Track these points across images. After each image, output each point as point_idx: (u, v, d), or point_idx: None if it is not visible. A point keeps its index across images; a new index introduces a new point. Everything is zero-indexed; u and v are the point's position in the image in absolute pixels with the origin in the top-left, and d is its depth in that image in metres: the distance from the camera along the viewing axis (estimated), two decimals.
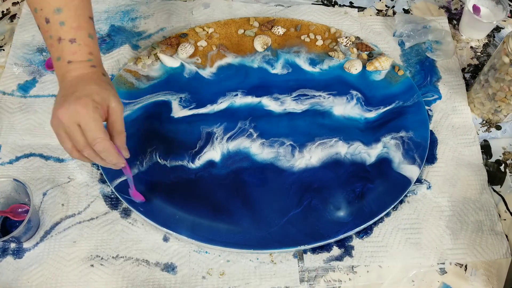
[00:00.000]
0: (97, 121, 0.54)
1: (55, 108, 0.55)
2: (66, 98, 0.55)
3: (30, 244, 0.68)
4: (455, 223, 0.71)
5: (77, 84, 0.56)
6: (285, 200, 0.71)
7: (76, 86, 0.56)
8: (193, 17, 0.93)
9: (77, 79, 0.57)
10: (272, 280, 0.67)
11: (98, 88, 0.56)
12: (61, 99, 0.55)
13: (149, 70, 0.84)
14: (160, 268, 0.67)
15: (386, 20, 0.93)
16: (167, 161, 0.74)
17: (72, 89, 0.56)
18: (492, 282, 0.67)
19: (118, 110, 0.57)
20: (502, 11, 0.87)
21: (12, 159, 0.75)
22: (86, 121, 0.53)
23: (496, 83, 0.75)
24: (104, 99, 0.56)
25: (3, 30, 0.90)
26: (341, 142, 0.76)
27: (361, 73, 0.84)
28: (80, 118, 0.53)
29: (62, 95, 0.56)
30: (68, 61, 0.58)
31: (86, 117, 0.53)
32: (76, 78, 0.57)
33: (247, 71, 0.84)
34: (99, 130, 0.54)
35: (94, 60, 0.59)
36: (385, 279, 0.67)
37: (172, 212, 0.69)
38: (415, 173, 0.73)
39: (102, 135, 0.54)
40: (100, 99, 0.55)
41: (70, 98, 0.54)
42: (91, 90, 0.55)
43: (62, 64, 0.58)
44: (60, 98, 0.56)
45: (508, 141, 0.79)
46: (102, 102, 0.55)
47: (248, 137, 0.77)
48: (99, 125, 0.54)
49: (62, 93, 0.57)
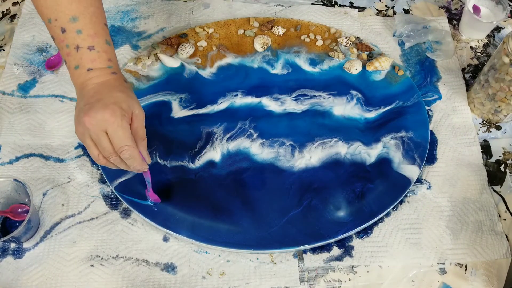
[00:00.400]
0: (125, 129, 0.55)
1: (80, 116, 0.55)
2: (92, 106, 0.55)
3: (30, 244, 0.68)
4: (455, 223, 0.71)
5: (101, 92, 0.57)
6: (285, 200, 0.71)
7: (100, 94, 0.56)
8: (193, 17, 0.93)
9: (99, 87, 0.57)
10: (272, 280, 0.67)
11: (123, 95, 0.57)
12: (86, 107, 0.55)
13: (149, 70, 0.84)
14: (160, 268, 0.67)
15: (386, 20, 0.93)
16: (167, 161, 0.74)
17: (97, 96, 0.56)
18: (492, 282, 0.67)
19: (141, 117, 0.58)
20: (502, 11, 0.87)
21: (12, 159, 0.75)
22: (115, 129, 0.54)
23: (496, 83, 0.75)
24: (129, 106, 0.56)
25: (3, 30, 0.90)
26: (341, 142, 0.76)
27: (361, 73, 0.84)
28: (108, 126, 0.54)
29: (86, 103, 0.56)
30: (88, 69, 0.58)
31: (114, 125, 0.54)
32: (98, 85, 0.58)
33: (247, 71, 0.84)
34: (127, 138, 0.55)
35: (114, 66, 0.60)
36: (385, 279, 0.67)
37: (172, 212, 0.69)
38: (415, 173, 0.73)
39: (129, 142, 0.55)
40: (126, 107, 0.56)
41: (96, 105, 0.55)
42: (117, 98, 0.56)
43: (81, 72, 0.58)
44: (84, 105, 0.56)
45: (508, 141, 0.79)
46: (128, 109, 0.56)
47: (248, 137, 0.77)
48: (127, 133, 0.55)
49: (86, 101, 0.57)
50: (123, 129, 0.55)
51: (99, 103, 0.55)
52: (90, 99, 0.56)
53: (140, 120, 0.58)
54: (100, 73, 0.58)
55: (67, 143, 0.77)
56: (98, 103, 0.55)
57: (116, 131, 0.54)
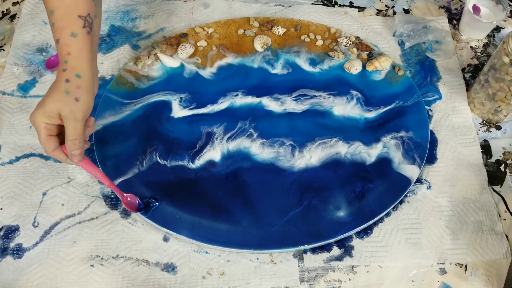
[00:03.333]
0: (40, 134, 0.58)
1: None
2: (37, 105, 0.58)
3: (30, 244, 0.68)
4: (455, 223, 0.71)
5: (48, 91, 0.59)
6: (285, 200, 0.71)
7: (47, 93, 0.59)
8: (193, 17, 0.93)
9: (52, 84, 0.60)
10: (272, 280, 0.67)
11: (49, 99, 0.58)
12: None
13: (149, 70, 0.84)
14: (160, 268, 0.67)
15: (386, 20, 0.93)
16: (167, 161, 0.74)
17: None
18: (492, 282, 0.67)
19: (70, 118, 0.58)
20: (502, 11, 0.87)
21: (12, 159, 0.75)
22: (36, 131, 0.59)
23: (496, 83, 0.75)
24: (56, 109, 0.57)
25: (3, 30, 0.90)
26: (341, 142, 0.76)
27: (361, 73, 0.84)
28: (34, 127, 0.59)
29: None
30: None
31: (36, 127, 0.58)
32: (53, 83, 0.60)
33: (247, 71, 0.84)
34: (42, 142, 0.59)
35: (70, 61, 0.59)
36: (385, 279, 0.67)
37: (172, 212, 0.69)
38: (415, 173, 0.73)
39: (45, 147, 0.59)
40: (49, 110, 0.57)
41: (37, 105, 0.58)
42: (45, 101, 0.58)
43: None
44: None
45: (508, 141, 0.79)
46: (52, 112, 0.57)
47: (248, 137, 0.77)
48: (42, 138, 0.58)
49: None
50: (39, 134, 0.58)
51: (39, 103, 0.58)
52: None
53: (68, 121, 0.58)
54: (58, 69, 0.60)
55: None
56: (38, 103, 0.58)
57: (38, 133, 0.58)
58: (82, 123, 0.59)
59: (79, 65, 0.60)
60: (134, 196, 0.69)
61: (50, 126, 0.58)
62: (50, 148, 0.59)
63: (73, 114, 0.58)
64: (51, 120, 0.57)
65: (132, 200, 0.69)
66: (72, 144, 0.58)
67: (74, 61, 0.59)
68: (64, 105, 0.57)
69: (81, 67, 0.60)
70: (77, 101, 0.58)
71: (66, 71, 0.59)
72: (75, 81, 0.59)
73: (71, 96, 0.58)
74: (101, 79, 0.84)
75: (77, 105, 0.58)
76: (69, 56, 0.59)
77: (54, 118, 0.57)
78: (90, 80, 0.60)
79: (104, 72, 0.85)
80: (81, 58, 0.60)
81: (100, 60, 0.86)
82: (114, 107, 0.79)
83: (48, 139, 0.58)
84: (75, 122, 0.58)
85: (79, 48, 0.60)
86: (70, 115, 0.57)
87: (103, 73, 0.85)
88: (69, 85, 0.58)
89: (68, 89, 0.58)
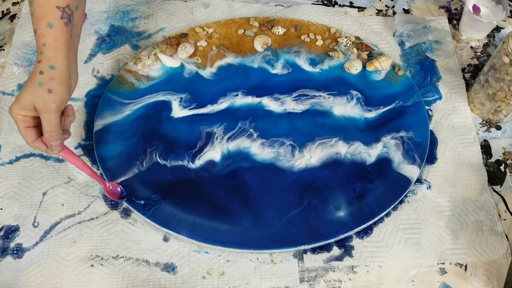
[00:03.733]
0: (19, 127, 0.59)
1: None
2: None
3: (30, 244, 0.68)
4: (455, 223, 0.71)
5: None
6: (285, 200, 0.71)
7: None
8: (193, 17, 0.93)
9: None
10: (272, 280, 0.67)
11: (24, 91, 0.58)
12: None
13: (149, 70, 0.84)
14: (160, 268, 0.67)
15: (386, 20, 0.93)
16: (167, 161, 0.74)
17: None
18: (492, 282, 0.67)
19: (46, 110, 0.58)
20: (502, 11, 0.87)
21: (12, 159, 0.75)
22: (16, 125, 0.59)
23: (496, 83, 0.75)
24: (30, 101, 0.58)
25: (3, 30, 0.90)
26: (341, 142, 0.76)
27: (361, 73, 0.84)
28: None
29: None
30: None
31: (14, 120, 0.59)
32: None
33: (247, 71, 0.84)
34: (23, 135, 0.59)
35: (45, 52, 0.59)
36: (385, 279, 0.67)
37: (172, 212, 0.69)
38: (415, 173, 0.73)
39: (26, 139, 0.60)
40: (25, 102, 0.58)
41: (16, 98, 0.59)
42: (20, 94, 0.58)
43: None
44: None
45: (508, 141, 0.80)
46: (27, 105, 0.58)
47: (248, 137, 0.77)
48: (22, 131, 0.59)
49: None
50: (18, 127, 0.59)
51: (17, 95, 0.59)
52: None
53: (42, 113, 0.58)
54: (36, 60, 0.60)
55: (67, 143, 0.77)
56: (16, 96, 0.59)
57: (16, 125, 0.59)
58: (56, 114, 0.58)
59: (54, 56, 0.59)
60: (116, 184, 0.70)
61: (26, 118, 0.59)
62: (29, 139, 0.60)
63: (46, 106, 0.57)
64: (27, 112, 0.58)
65: (114, 189, 0.69)
66: (49, 136, 0.58)
67: (48, 52, 0.59)
68: (37, 97, 0.57)
69: (56, 59, 0.59)
70: (50, 93, 0.58)
71: (41, 63, 0.59)
72: (49, 73, 0.59)
73: (44, 87, 0.58)
74: (101, 79, 0.84)
75: (50, 97, 0.58)
76: (44, 47, 0.59)
77: (30, 110, 0.58)
78: (65, 71, 0.60)
79: (104, 72, 0.85)
80: (56, 49, 0.60)
81: (100, 60, 0.86)
82: (114, 107, 0.79)
83: (26, 131, 0.59)
84: (49, 114, 0.58)
85: (55, 39, 0.59)
86: (43, 107, 0.57)
87: (103, 73, 0.85)
88: (43, 77, 0.58)
89: (42, 81, 0.58)
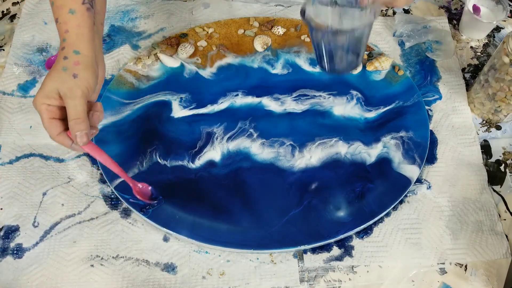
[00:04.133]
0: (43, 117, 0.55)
1: None
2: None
3: (30, 244, 0.68)
4: (455, 223, 0.71)
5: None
6: (285, 200, 0.71)
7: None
8: (193, 17, 0.93)
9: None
10: (272, 280, 0.67)
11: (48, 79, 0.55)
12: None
13: (149, 70, 0.84)
14: (160, 268, 0.67)
15: (386, 20, 0.93)
16: (167, 161, 0.74)
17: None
18: (492, 282, 0.67)
19: (71, 96, 0.55)
20: (502, 11, 0.87)
21: (12, 159, 0.75)
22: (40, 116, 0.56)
23: (496, 83, 0.75)
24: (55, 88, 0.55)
25: (3, 30, 0.90)
26: (341, 142, 0.76)
27: (361, 73, 0.84)
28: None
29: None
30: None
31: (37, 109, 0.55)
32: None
33: (247, 71, 0.84)
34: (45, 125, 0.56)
35: (68, 38, 0.57)
36: (385, 279, 0.67)
37: (172, 212, 0.69)
38: (415, 173, 0.73)
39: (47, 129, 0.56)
40: (48, 90, 0.55)
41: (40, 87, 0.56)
42: (45, 81, 0.55)
43: None
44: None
45: (508, 141, 0.79)
46: (51, 92, 0.55)
47: (248, 137, 0.77)
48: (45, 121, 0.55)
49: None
50: (42, 118, 0.55)
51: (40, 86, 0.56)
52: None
53: (67, 99, 0.55)
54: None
55: None
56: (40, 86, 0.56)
57: (41, 117, 0.55)
58: (82, 100, 0.55)
59: (78, 41, 0.57)
60: (146, 184, 0.69)
61: (51, 108, 0.55)
62: (54, 132, 0.55)
63: (71, 91, 0.54)
64: (52, 101, 0.55)
65: (144, 188, 0.68)
66: (74, 124, 0.54)
67: (72, 38, 0.57)
68: (62, 83, 0.55)
69: (80, 44, 0.57)
70: (75, 78, 0.55)
71: (64, 49, 0.57)
72: (73, 58, 0.56)
73: (69, 72, 0.55)
74: None
75: (75, 82, 0.55)
76: (67, 33, 0.57)
77: (54, 98, 0.55)
78: (90, 56, 0.57)
79: None
80: (80, 34, 0.57)
81: None
82: (114, 107, 0.79)
83: (51, 122, 0.55)
84: (74, 100, 0.54)
85: (77, 25, 0.57)
86: (68, 92, 0.54)
87: None
88: (67, 62, 0.56)
89: (66, 66, 0.55)
